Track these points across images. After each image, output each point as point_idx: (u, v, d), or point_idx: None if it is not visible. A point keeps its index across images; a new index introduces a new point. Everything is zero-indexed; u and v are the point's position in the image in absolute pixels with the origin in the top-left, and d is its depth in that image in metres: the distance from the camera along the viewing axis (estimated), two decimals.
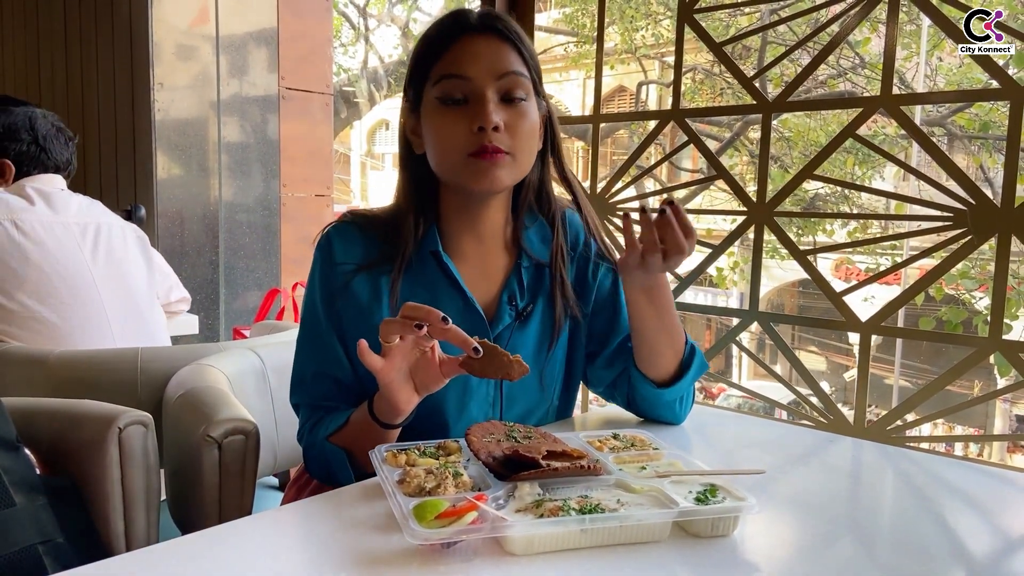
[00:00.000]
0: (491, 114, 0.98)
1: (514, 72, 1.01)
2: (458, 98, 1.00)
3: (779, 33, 8.12)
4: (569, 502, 0.77)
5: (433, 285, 1.08)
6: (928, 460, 1.09)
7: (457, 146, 1.00)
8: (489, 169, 1.00)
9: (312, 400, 1.10)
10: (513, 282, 1.12)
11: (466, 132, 0.99)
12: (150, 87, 2.79)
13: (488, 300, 1.11)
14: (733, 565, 0.73)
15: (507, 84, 1.01)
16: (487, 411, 1.10)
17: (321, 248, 1.10)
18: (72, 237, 1.72)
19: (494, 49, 1.01)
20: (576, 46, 10.50)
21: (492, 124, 0.98)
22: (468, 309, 1.08)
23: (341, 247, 1.09)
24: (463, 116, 1.00)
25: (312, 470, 1.09)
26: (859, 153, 7.71)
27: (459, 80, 0.99)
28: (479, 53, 1.00)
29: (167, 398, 1.28)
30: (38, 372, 1.46)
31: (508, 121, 1.00)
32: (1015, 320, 5.02)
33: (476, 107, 0.99)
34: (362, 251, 1.08)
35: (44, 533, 0.91)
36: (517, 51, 1.02)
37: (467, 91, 1.00)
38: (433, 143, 1.03)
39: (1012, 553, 0.82)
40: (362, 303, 1.07)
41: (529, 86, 1.03)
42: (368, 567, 0.70)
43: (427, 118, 1.03)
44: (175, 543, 0.75)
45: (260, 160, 3.07)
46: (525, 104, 1.02)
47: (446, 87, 1.00)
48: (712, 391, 10.78)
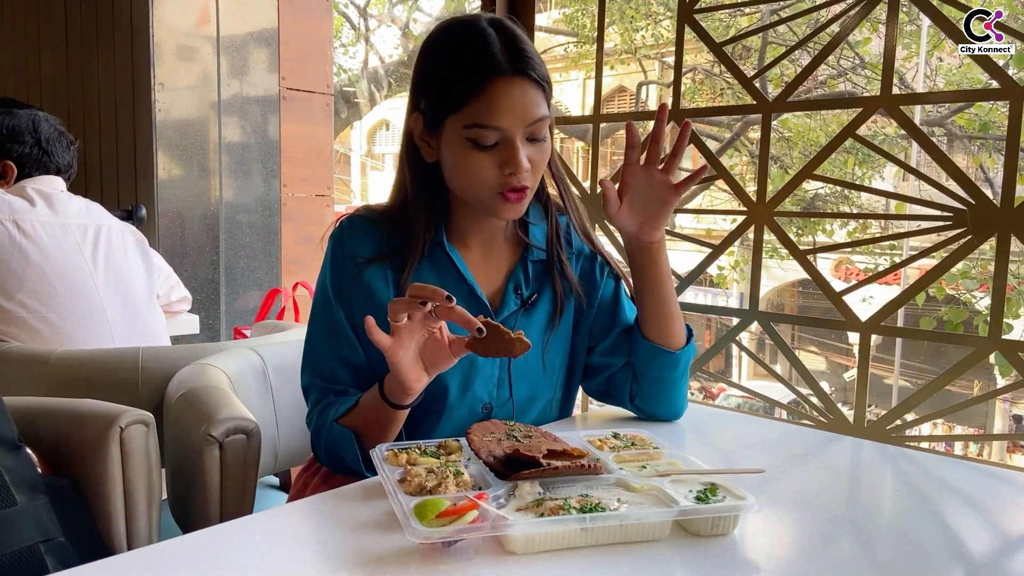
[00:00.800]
0: (522, 161, 1.02)
1: (541, 118, 1.03)
2: (489, 144, 1.02)
3: (779, 33, 8.12)
4: (570, 501, 0.77)
5: (440, 274, 1.12)
6: (928, 460, 1.09)
7: (486, 184, 1.04)
8: (514, 206, 1.05)
9: (323, 383, 1.12)
10: (519, 273, 1.16)
11: (495, 172, 1.03)
12: (151, 87, 2.79)
13: (493, 290, 1.16)
14: (733, 564, 0.73)
15: (534, 130, 1.03)
16: (491, 391, 1.12)
17: (335, 238, 1.13)
18: (72, 238, 1.73)
19: (525, 96, 1.01)
20: (576, 46, 10.49)
21: (524, 170, 1.02)
22: (472, 298, 1.12)
23: (353, 239, 1.12)
24: (494, 159, 1.02)
25: (319, 454, 1.11)
26: (859, 153, 7.71)
27: (493, 131, 1.01)
28: (513, 102, 1.01)
29: (168, 398, 1.29)
30: (39, 372, 1.46)
31: (531, 158, 1.04)
32: (1016, 320, 5.01)
33: (507, 152, 1.02)
34: (374, 243, 1.12)
35: (45, 532, 0.92)
36: (543, 92, 1.04)
37: (498, 137, 1.02)
38: (460, 176, 1.06)
39: (1012, 552, 0.82)
40: (373, 293, 1.10)
41: (549, 120, 1.07)
42: (369, 566, 0.70)
43: (451, 148, 1.05)
44: (176, 542, 0.75)
45: (261, 160, 3.07)
46: (545, 140, 1.06)
47: (478, 134, 1.01)
48: (712, 391, 10.78)
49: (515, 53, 1.01)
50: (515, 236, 1.19)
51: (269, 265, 3.11)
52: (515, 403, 1.13)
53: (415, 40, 11.22)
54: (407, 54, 11.30)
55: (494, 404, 1.13)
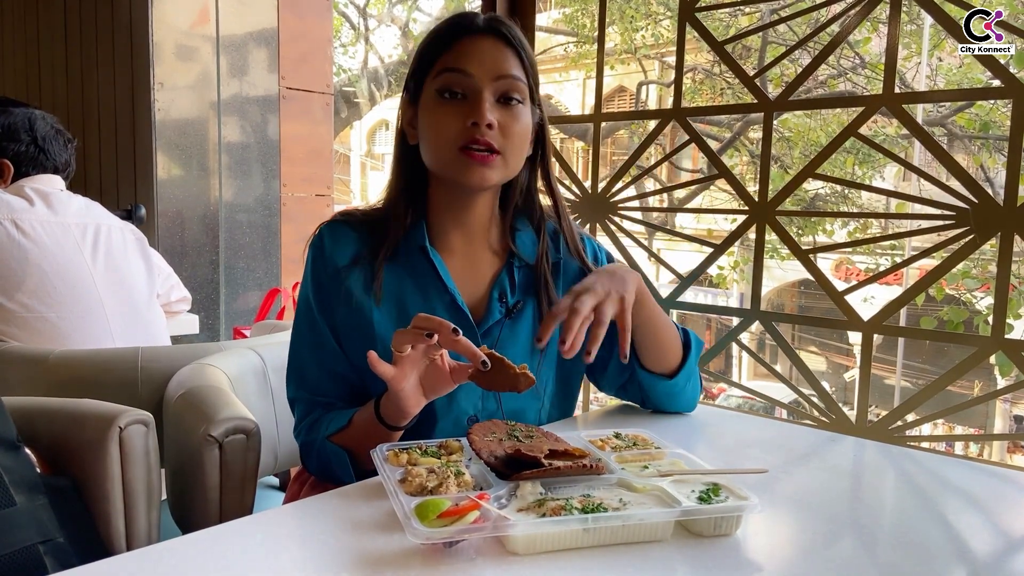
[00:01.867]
0: (486, 111, 1.01)
1: (512, 76, 1.04)
2: (456, 92, 1.03)
3: (779, 33, 8.13)
4: (571, 501, 0.76)
5: (421, 280, 1.10)
6: (930, 459, 1.09)
7: (450, 138, 1.03)
8: (480, 169, 1.04)
9: (310, 395, 1.11)
10: (504, 280, 1.13)
11: (460, 126, 1.02)
12: (150, 87, 2.79)
13: (477, 297, 1.13)
14: (736, 564, 0.73)
15: (504, 86, 1.04)
16: (476, 403, 1.10)
17: (314, 246, 1.12)
18: (71, 237, 1.72)
19: (497, 51, 1.04)
20: (576, 46, 10.50)
21: (486, 121, 1.01)
22: (453, 308, 1.09)
23: (333, 245, 1.11)
24: (459, 110, 1.03)
25: (310, 467, 1.10)
26: (859, 153, 7.71)
27: (459, 75, 1.03)
28: (482, 52, 1.04)
29: (168, 397, 1.28)
30: (38, 372, 1.46)
31: (502, 121, 1.04)
32: (1017, 320, 5.01)
33: (472, 103, 1.02)
34: (354, 248, 1.11)
35: (44, 533, 0.91)
36: (518, 57, 1.06)
37: (466, 87, 1.03)
38: (427, 134, 1.06)
39: (1013, 552, 0.82)
40: (355, 299, 1.08)
41: (525, 91, 1.07)
42: (369, 566, 0.69)
43: (424, 109, 1.06)
44: (176, 543, 0.75)
45: (260, 160, 3.07)
46: (520, 107, 1.06)
47: (446, 80, 1.03)
48: (712, 391, 10.78)
49: (494, 19, 1.06)
50: (501, 242, 1.17)
51: (269, 265, 3.11)
52: (504, 415, 1.11)
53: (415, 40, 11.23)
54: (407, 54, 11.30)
55: (480, 416, 1.10)
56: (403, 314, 1.08)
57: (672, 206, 8.30)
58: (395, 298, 1.09)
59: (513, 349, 1.10)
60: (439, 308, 1.09)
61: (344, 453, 1.03)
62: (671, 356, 1.17)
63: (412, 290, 1.09)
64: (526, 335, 1.12)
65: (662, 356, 1.16)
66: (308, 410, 1.11)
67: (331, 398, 1.10)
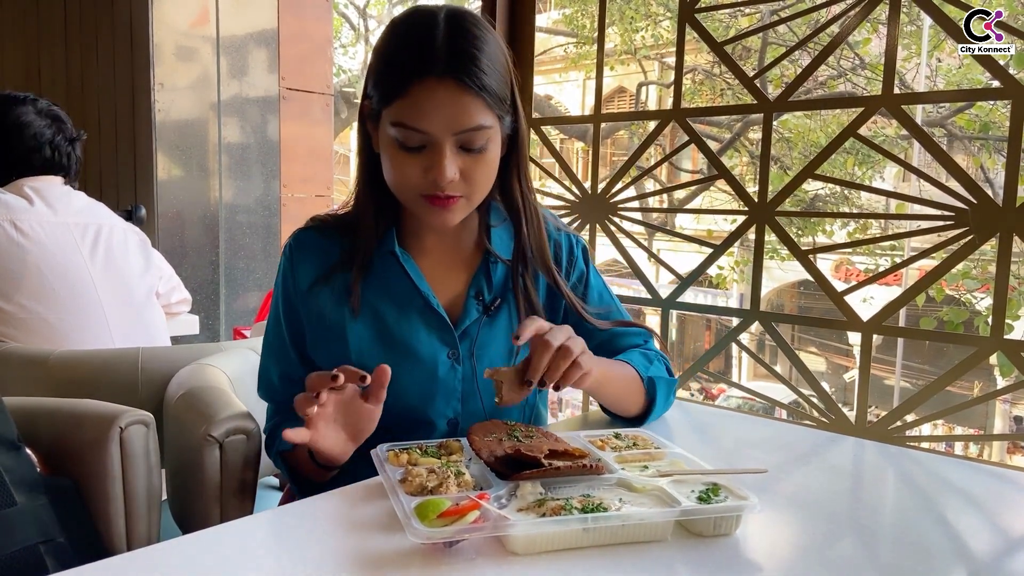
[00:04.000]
0: (446, 169, 0.94)
1: (475, 127, 0.94)
2: (413, 146, 0.96)
3: (779, 34, 8.13)
4: (571, 501, 0.77)
5: (394, 285, 1.08)
6: (929, 460, 1.09)
7: (411, 186, 0.98)
8: (442, 213, 0.99)
9: (274, 399, 1.14)
10: (481, 278, 1.10)
11: (420, 176, 0.97)
12: (150, 88, 2.79)
13: (454, 296, 1.10)
14: (735, 564, 0.73)
15: (466, 139, 0.95)
16: (455, 405, 1.07)
17: (285, 257, 1.11)
18: (71, 237, 1.72)
19: (456, 102, 0.93)
20: (576, 47, 10.50)
21: (447, 179, 0.95)
22: (428, 309, 1.07)
23: (301, 256, 1.09)
24: (418, 162, 0.96)
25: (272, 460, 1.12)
26: (859, 154, 7.71)
27: (415, 132, 0.94)
28: (440, 106, 0.93)
29: (168, 398, 1.28)
30: (38, 372, 1.46)
31: (464, 169, 0.97)
32: (1016, 320, 5.02)
33: (432, 158, 0.95)
34: (323, 258, 1.08)
35: (45, 533, 0.91)
36: (482, 98, 0.94)
37: (424, 141, 0.95)
38: (387, 172, 1.01)
39: (1013, 552, 0.82)
40: (325, 311, 1.07)
41: (493, 132, 0.98)
42: (370, 566, 0.69)
43: (383, 143, 1.00)
44: (176, 543, 0.75)
45: (260, 161, 3.07)
46: (484, 151, 0.98)
47: (401, 134, 0.95)
48: (712, 392, 10.77)
49: (456, 53, 0.92)
50: (477, 240, 1.13)
51: (268, 265, 3.11)
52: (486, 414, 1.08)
53: None
54: None
55: (459, 418, 1.07)
56: (379, 322, 1.06)
57: (672, 206, 8.30)
58: (370, 308, 1.06)
59: (492, 347, 1.08)
60: (413, 312, 1.06)
61: (293, 472, 1.06)
62: (632, 408, 1.14)
63: (386, 297, 1.07)
64: (504, 333, 1.10)
65: (621, 410, 1.15)
66: (273, 412, 1.13)
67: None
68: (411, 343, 1.05)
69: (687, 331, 13.75)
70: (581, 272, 1.20)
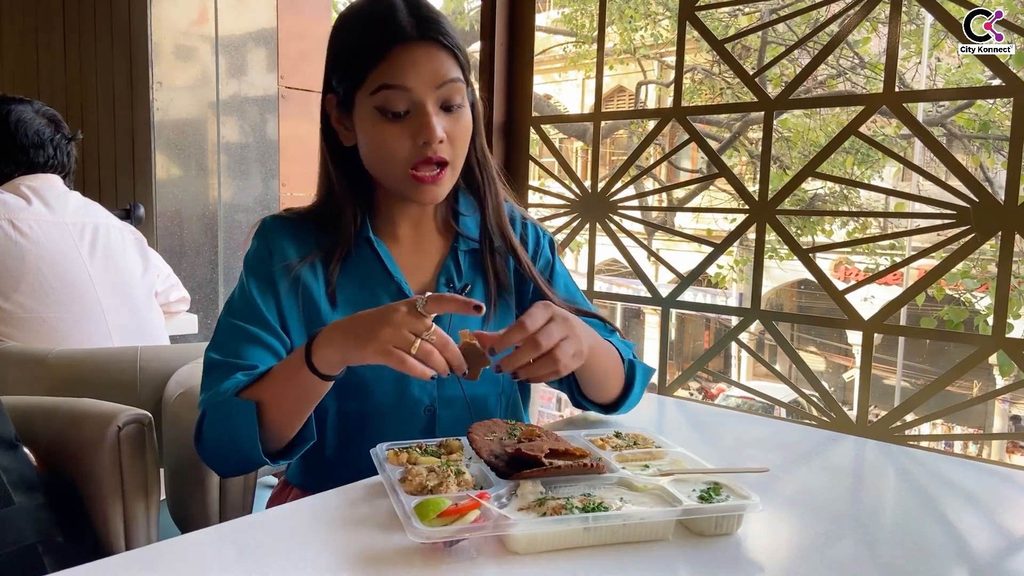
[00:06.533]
0: (436, 128, 0.97)
1: (452, 80, 0.99)
2: (399, 111, 0.98)
3: (779, 33, 8.13)
4: (572, 500, 0.76)
5: (367, 273, 1.08)
6: (930, 459, 1.09)
7: (400, 159, 0.99)
8: (430, 188, 1.01)
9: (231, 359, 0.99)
10: (450, 264, 1.12)
11: (409, 146, 0.98)
12: (149, 87, 2.78)
13: (425, 283, 1.11)
14: (737, 563, 0.73)
15: (446, 92, 0.99)
16: (432, 392, 1.06)
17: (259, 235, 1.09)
18: (69, 236, 1.72)
19: (432, 57, 0.98)
20: (575, 46, 10.50)
21: (438, 138, 0.98)
22: (400, 295, 1.07)
23: (278, 236, 1.08)
24: (405, 130, 0.98)
25: (206, 435, 0.96)
26: (858, 153, 7.72)
27: (399, 91, 0.97)
28: (418, 63, 0.97)
29: (167, 397, 1.28)
30: (37, 372, 1.46)
31: (449, 130, 1.00)
32: (1016, 320, 5.02)
33: (419, 120, 0.98)
34: (298, 244, 1.07)
35: (43, 532, 0.91)
36: (453, 56, 0.99)
37: (408, 103, 0.98)
38: (373, 153, 1.02)
39: (1013, 551, 0.82)
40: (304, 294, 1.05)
41: (464, 88, 1.02)
42: (370, 566, 0.69)
43: (364, 125, 1.01)
44: (175, 542, 0.75)
45: (259, 160, 3.06)
46: (462, 109, 1.02)
47: (386, 98, 0.97)
48: (711, 391, 10.78)
49: (421, 19, 0.98)
50: (447, 224, 1.14)
51: None
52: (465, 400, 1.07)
53: None
54: None
55: (437, 406, 1.06)
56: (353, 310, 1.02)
57: (672, 205, 8.29)
58: (345, 295, 1.07)
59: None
60: (386, 298, 1.06)
61: (252, 406, 0.91)
62: (611, 391, 1.12)
63: (360, 285, 1.07)
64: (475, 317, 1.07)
65: (602, 393, 1.12)
66: (223, 375, 0.97)
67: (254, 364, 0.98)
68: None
69: (687, 330, 13.76)
70: (548, 260, 1.20)
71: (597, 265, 2.20)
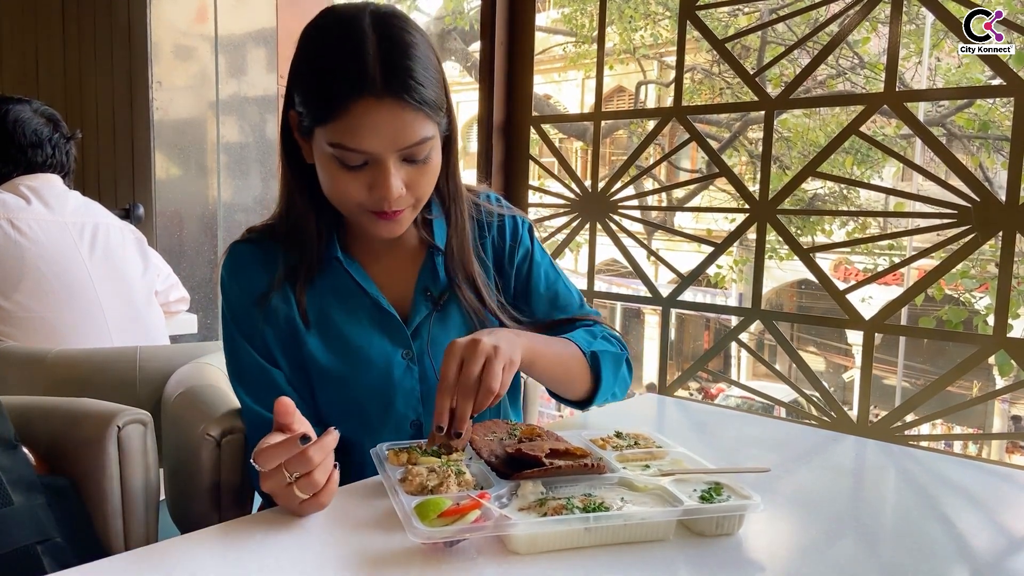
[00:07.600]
0: (392, 186, 0.92)
1: (419, 141, 0.91)
2: (356, 164, 0.92)
3: (778, 33, 8.13)
4: (573, 500, 0.76)
5: (343, 292, 1.06)
6: (931, 458, 1.09)
7: (354, 203, 0.95)
8: (388, 225, 0.97)
9: (253, 424, 1.03)
10: (426, 273, 1.09)
11: (366, 194, 0.93)
12: (148, 86, 2.78)
13: (403, 294, 1.08)
14: (738, 564, 0.73)
15: (410, 152, 0.92)
16: (416, 407, 1.05)
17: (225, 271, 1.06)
18: (69, 236, 1.72)
19: (397, 118, 0.89)
20: (575, 46, 10.49)
21: (394, 196, 0.92)
22: (377, 310, 1.05)
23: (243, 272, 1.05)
24: (363, 179, 0.93)
25: None
26: (858, 153, 7.71)
27: (357, 153, 0.90)
28: (380, 125, 0.89)
29: (166, 397, 1.28)
30: (36, 371, 1.45)
31: (409, 181, 0.94)
32: (1016, 319, 5.02)
33: (377, 176, 0.92)
34: (264, 271, 1.05)
35: (42, 532, 0.91)
36: (423, 111, 0.90)
37: (366, 159, 0.91)
38: (328, 189, 0.97)
39: (1014, 551, 0.81)
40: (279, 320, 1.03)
41: (436, 141, 0.95)
42: (370, 566, 0.69)
43: (321, 162, 0.95)
44: (174, 542, 0.74)
45: (259, 160, 3.06)
46: (428, 160, 0.95)
47: (341, 154, 0.91)
48: (710, 391, 10.78)
49: (391, 68, 0.88)
50: (419, 234, 1.11)
51: None
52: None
53: None
54: None
55: (422, 419, 1.04)
56: (331, 331, 1.03)
57: (672, 205, 8.29)
58: (321, 316, 1.04)
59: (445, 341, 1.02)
60: (363, 315, 1.04)
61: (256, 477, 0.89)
62: (578, 387, 1.08)
63: (335, 304, 1.05)
64: (456, 326, 1.07)
65: (566, 389, 1.09)
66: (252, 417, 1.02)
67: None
68: (364, 348, 1.03)
69: (687, 330, 13.75)
70: (527, 249, 1.17)
71: (597, 265, 2.20)
